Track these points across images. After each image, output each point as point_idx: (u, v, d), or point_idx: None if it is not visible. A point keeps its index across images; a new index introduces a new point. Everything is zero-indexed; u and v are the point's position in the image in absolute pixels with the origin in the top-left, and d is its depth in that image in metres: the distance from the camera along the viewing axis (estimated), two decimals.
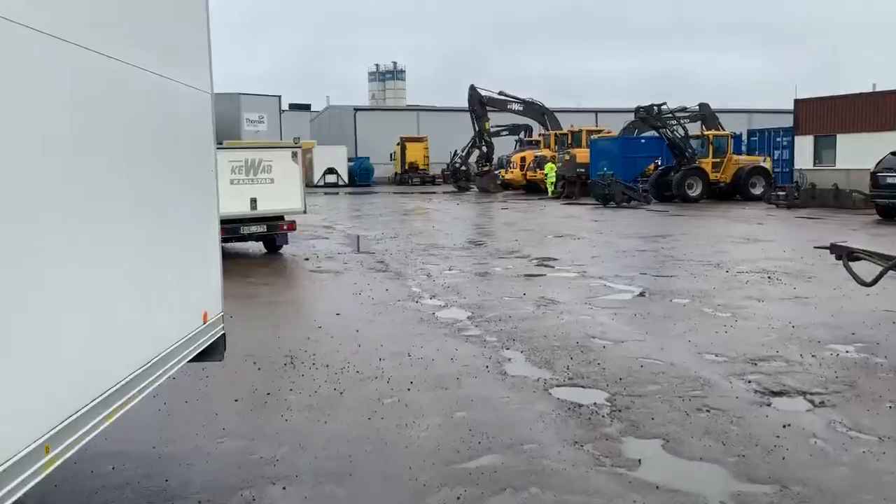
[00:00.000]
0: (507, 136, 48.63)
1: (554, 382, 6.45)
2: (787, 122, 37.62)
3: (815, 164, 33.05)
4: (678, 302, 9.99)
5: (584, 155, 35.56)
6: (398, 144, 55.95)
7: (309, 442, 5.08)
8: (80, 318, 3.03)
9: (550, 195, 35.67)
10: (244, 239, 14.80)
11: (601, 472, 4.62)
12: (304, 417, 5.56)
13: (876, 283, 8.12)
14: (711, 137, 32.44)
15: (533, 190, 39.03)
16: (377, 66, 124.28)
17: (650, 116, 30.98)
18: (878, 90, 35.23)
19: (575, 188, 34.58)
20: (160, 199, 3.89)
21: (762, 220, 22.69)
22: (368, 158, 55.60)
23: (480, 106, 41.39)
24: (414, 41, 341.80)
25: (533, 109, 43.91)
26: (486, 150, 42.19)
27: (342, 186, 50.86)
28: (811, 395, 6.07)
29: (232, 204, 12.65)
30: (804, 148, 33.76)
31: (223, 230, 17.60)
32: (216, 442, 5.11)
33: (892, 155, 22.14)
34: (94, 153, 3.23)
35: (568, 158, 35.68)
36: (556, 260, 14.28)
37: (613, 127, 45.01)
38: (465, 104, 42.25)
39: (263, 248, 15.87)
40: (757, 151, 36.68)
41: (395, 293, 10.98)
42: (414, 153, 55.31)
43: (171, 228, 4.07)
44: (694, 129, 35.37)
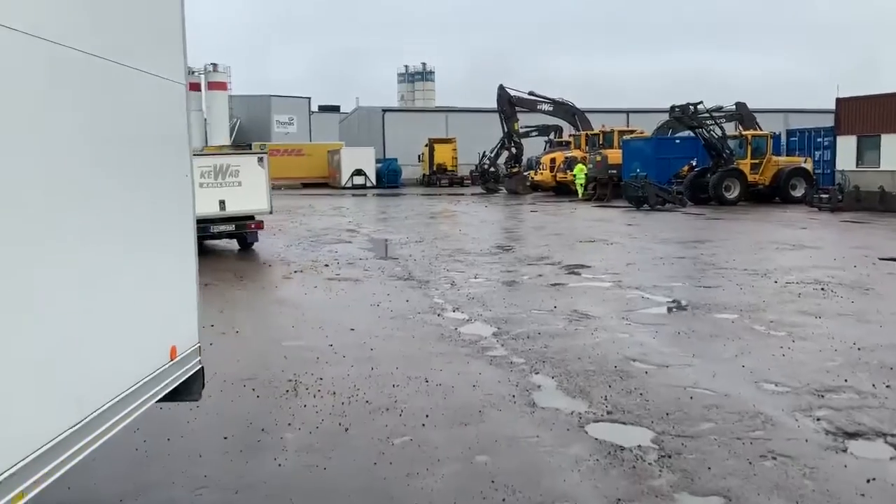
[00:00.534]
0: (536, 136, 47.58)
1: (590, 417, 5.63)
2: (824, 121, 36.21)
3: (858, 165, 31.58)
4: (725, 317, 9.09)
5: (615, 156, 34.51)
6: (426, 146, 55.20)
7: (301, 496, 4.32)
8: None
9: (580, 197, 34.69)
10: (215, 237, 15.69)
11: None
12: (300, 462, 4.80)
13: None
14: (750, 137, 31.20)
15: (563, 192, 38.04)
16: (406, 67, 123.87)
17: (686, 116, 29.84)
18: None
19: (606, 190, 33.52)
20: (105, 209, 3.15)
21: (805, 224, 21.55)
22: (396, 160, 54.89)
23: (509, 106, 40.48)
24: (444, 42, 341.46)
25: (563, 109, 42.89)
26: (515, 151, 41.26)
27: (370, 188, 50.24)
28: (893, 437, 5.18)
29: (201, 205, 13.73)
30: (846, 148, 32.29)
31: None
32: (194, 494, 4.36)
33: None
34: (22, 154, 2.51)
35: (599, 159, 34.63)
36: (588, 267, 13.41)
37: (645, 127, 43.82)
38: (494, 105, 41.36)
39: (237, 245, 16.47)
40: (797, 152, 35.32)
41: (415, 304, 10.21)
42: (442, 154, 54.50)
43: (123, 245, 3.33)
44: (727, 129, 34.13)
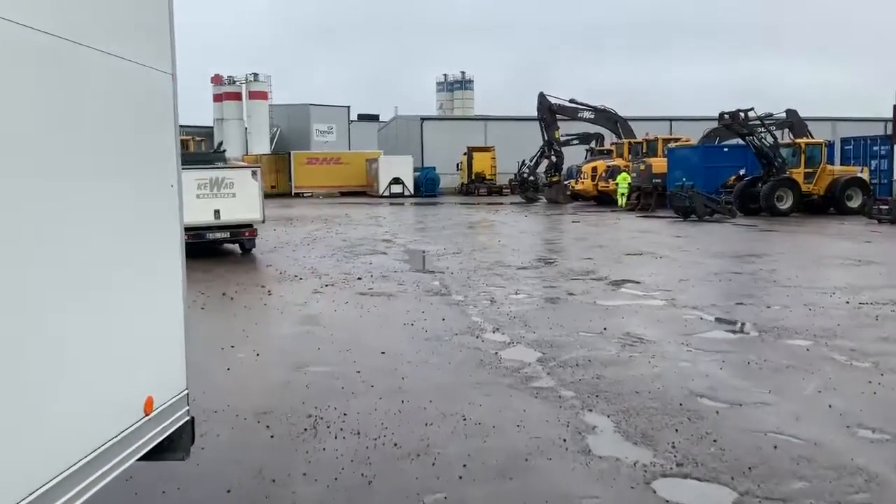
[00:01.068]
0: (577, 145, 46.55)
1: (657, 470, 4.77)
2: (875, 130, 34.62)
3: None
4: (798, 344, 8.13)
5: (660, 165, 33.39)
6: (465, 154, 54.52)
7: None
8: None
9: (623, 207, 33.63)
10: (211, 243, 16.82)
11: None
12: None
13: None
14: (803, 146, 29.89)
15: (604, 201, 36.99)
16: (445, 76, 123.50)
17: (736, 123, 28.62)
18: None
19: (651, 200, 32.45)
20: (62, 225, 2.43)
21: (867, 237, 20.28)
22: (434, 168, 54.26)
23: (550, 114, 39.57)
24: (483, 51, 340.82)
25: (605, 117, 41.83)
26: (555, 159, 40.26)
27: (407, 196, 49.65)
28: None
29: (198, 214, 15.41)
30: None
31: (190, 235, 18.43)
32: None
33: None
34: None
35: (643, 168, 33.54)
36: (637, 283, 12.49)
37: (688, 135, 42.47)
38: (533, 113, 40.46)
39: (241, 250, 17.60)
40: (852, 161, 33.81)
41: (452, 324, 9.42)
42: (481, 163, 53.76)
43: (79, 271, 2.60)
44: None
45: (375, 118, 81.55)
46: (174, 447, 3.25)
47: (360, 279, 13.36)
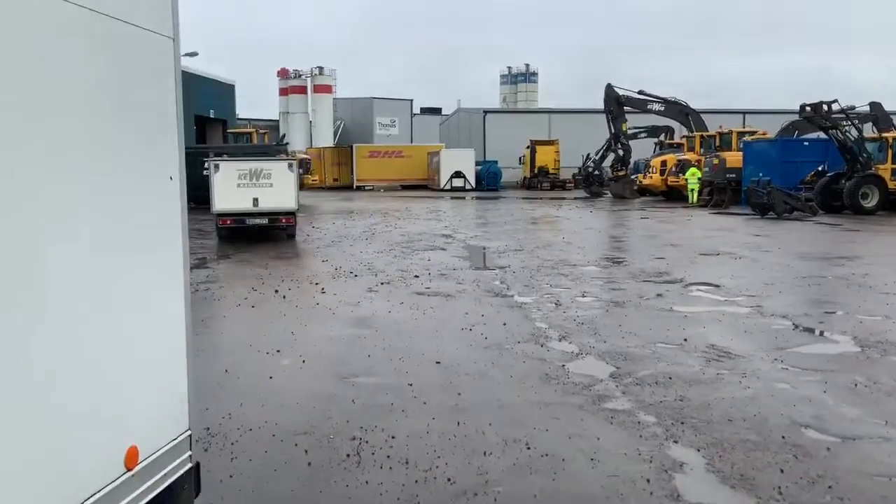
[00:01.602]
0: (644, 138, 45.03)
1: None
2: None
3: None
4: None
5: (734, 159, 31.79)
6: (528, 147, 53.43)
7: None
8: None
9: (693, 203, 32.20)
10: (249, 228, 18.21)
11: None
12: None
13: None
14: (891, 140, 27.97)
15: (673, 197, 35.53)
16: (509, 68, 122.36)
17: (818, 116, 26.96)
18: None
19: (724, 196, 30.95)
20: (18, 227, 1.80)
21: None
22: (496, 162, 53.33)
23: (618, 106, 38.23)
24: (547, 43, 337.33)
25: (675, 109, 40.20)
26: (622, 153, 38.93)
27: (468, 190, 48.87)
28: None
29: (239, 202, 17.50)
30: None
31: (232, 220, 18.63)
32: None
33: None
34: None
35: (717, 162, 32.03)
36: (717, 287, 11.50)
37: (763, 128, 40.57)
38: (599, 106, 39.21)
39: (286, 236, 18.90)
40: None
41: (514, 330, 8.68)
42: (544, 157, 52.59)
43: (40, 289, 1.96)
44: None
45: (438, 111, 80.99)
46: (174, 502, 2.61)
47: (417, 277, 12.71)
